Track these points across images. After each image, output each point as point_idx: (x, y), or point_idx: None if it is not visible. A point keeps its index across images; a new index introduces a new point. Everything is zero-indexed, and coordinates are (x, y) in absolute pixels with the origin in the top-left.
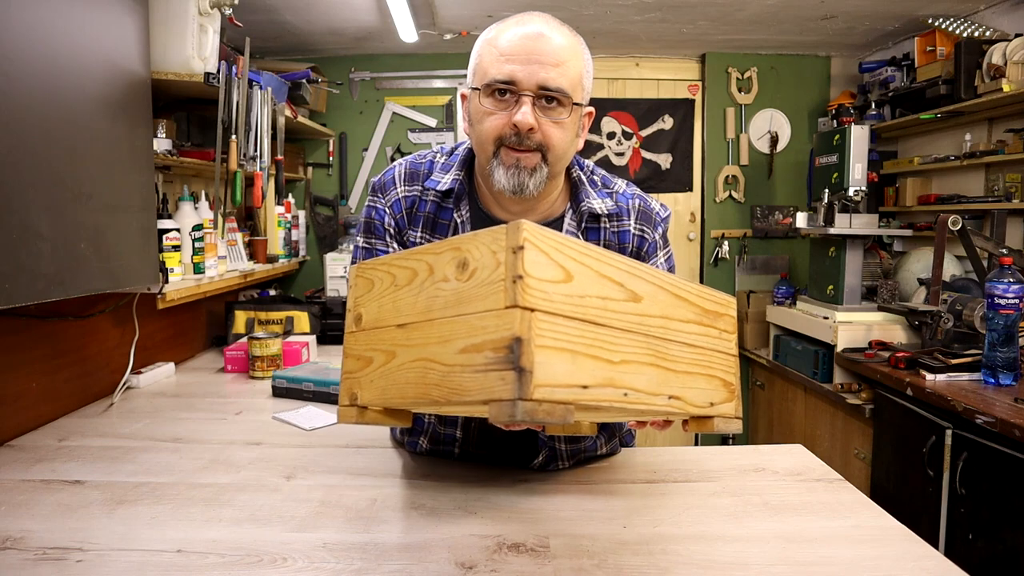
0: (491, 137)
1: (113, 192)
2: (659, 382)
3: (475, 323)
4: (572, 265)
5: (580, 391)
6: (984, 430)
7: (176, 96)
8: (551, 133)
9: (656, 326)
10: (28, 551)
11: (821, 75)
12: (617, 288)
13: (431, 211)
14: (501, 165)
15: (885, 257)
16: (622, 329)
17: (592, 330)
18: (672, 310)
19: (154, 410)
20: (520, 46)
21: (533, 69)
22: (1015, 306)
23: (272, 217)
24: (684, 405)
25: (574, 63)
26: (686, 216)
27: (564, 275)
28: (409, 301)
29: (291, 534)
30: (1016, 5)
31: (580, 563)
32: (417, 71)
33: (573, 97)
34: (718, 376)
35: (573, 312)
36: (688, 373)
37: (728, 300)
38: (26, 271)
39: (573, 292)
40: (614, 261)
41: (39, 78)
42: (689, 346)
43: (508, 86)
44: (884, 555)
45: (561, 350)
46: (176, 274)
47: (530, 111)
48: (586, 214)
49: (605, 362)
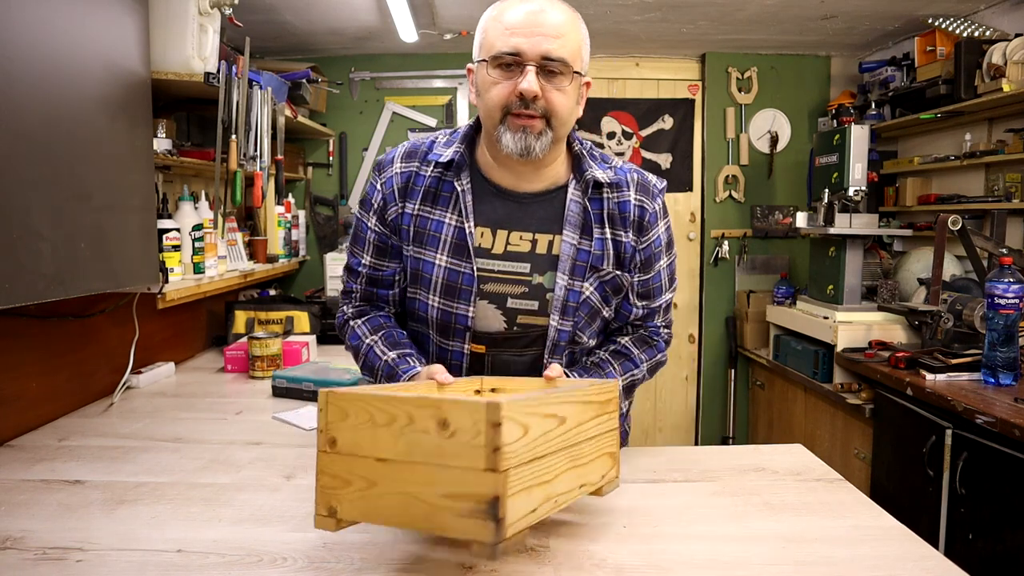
0: (499, 104)
1: (113, 192)
2: (574, 480)
3: (458, 476)
4: (529, 419)
5: (531, 516)
6: (984, 430)
7: (176, 96)
8: (554, 99)
9: (573, 435)
10: (28, 551)
11: (821, 75)
12: (553, 420)
13: (431, 185)
14: (508, 130)
15: (885, 257)
16: (554, 452)
17: (537, 464)
18: (582, 415)
19: (154, 410)
20: (524, 20)
21: (537, 40)
22: (1015, 306)
23: (272, 217)
24: (588, 488)
25: (574, 35)
26: (686, 216)
27: (523, 431)
28: (389, 441)
29: (291, 534)
30: (1016, 5)
31: (580, 563)
32: (417, 71)
33: (573, 66)
34: (608, 452)
35: (528, 456)
36: (591, 462)
37: (613, 385)
38: (26, 271)
39: (528, 440)
40: (552, 398)
41: (39, 78)
42: (592, 439)
43: (514, 57)
44: (884, 555)
45: (521, 491)
46: (176, 274)
47: (535, 79)
48: (591, 183)
49: (545, 484)
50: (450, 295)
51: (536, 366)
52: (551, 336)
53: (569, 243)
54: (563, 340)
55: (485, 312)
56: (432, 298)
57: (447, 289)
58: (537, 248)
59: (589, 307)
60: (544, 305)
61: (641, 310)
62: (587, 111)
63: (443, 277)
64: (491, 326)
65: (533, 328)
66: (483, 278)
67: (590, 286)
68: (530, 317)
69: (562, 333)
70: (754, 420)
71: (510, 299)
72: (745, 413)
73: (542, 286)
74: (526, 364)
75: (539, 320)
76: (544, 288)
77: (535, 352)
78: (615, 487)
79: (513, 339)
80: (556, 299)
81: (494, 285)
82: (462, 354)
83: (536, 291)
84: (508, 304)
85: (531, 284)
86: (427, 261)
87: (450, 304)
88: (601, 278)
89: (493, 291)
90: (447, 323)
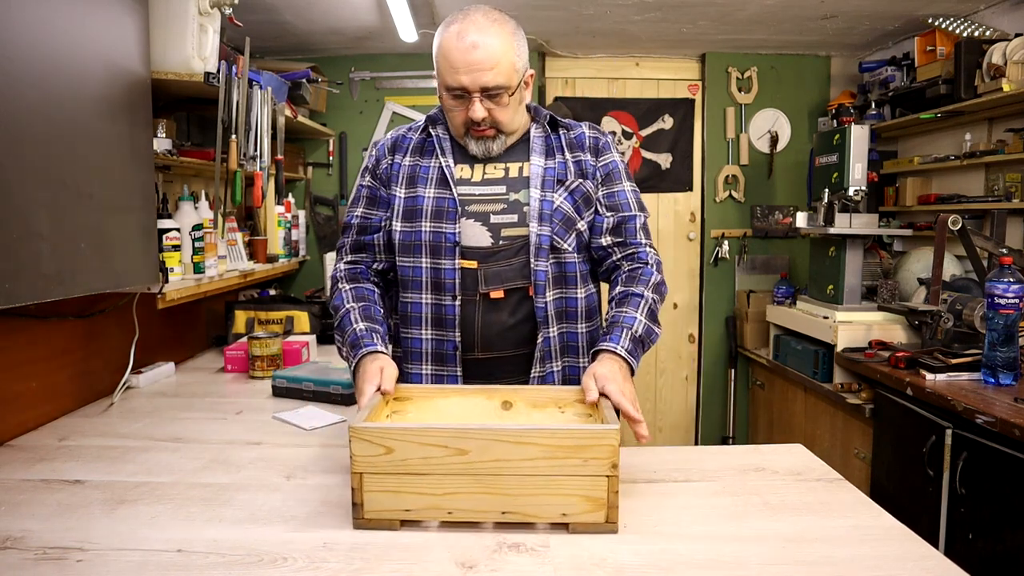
0: (460, 124)
1: (113, 192)
2: (490, 504)
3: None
4: (393, 443)
5: (404, 512)
6: (984, 430)
7: (176, 96)
8: (498, 114)
9: (487, 467)
10: (28, 551)
11: (821, 75)
12: (440, 449)
13: (417, 143)
14: (471, 139)
15: (885, 257)
16: (444, 474)
17: (416, 478)
18: (510, 454)
19: (154, 410)
20: (461, 60)
21: (475, 77)
22: (1015, 306)
23: (272, 217)
24: (524, 517)
25: (505, 57)
26: (686, 216)
27: (386, 450)
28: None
29: (291, 534)
30: (1016, 5)
31: (580, 563)
32: (417, 71)
33: (510, 85)
34: (575, 495)
35: (395, 470)
36: (530, 495)
37: (602, 433)
38: (26, 271)
39: (395, 459)
40: (436, 433)
41: (39, 78)
42: (529, 476)
43: (461, 90)
44: (884, 555)
45: (385, 491)
46: (176, 274)
47: (480, 107)
48: (548, 119)
49: (429, 495)
50: (438, 218)
51: (524, 272)
52: (533, 242)
53: (537, 165)
54: (544, 244)
55: (473, 230)
56: (425, 224)
57: (435, 214)
58: (510, 173)
59: (562, 214)
60: (523, 217)
61: (612, 219)
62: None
63: (431, 206)
64: (480, 242)
65: (516, 239)
66: (466, 201)
67: (559, 196)
68: (512, 229)
69: (542, 238)
70: (754, 420)
71: (492, 216)
72: (745, 413)
73: (519, 201)
74: (516, 271)
75: (520, 231)
76: (521, 203)
77: (522, 259)
78: (604, 530)
79: (500, 251)
80: (532, 209)
81: (477, 206)
82: (453, 271)
83: (514, 206)
84: (491, 220)
85: (508, 201)
86: (419, 196)
87: (439, 226)
88: (568, 188)
89: (477, 211)
90: (438, 244)
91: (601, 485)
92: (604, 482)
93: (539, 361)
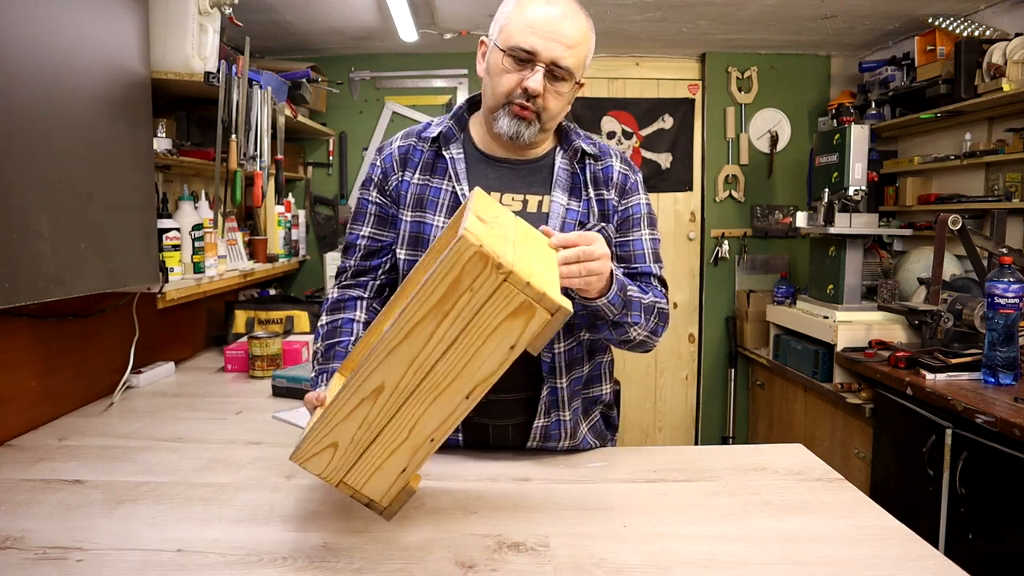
0: (504, 91)
1: (113, 192)
2: (450, 402)
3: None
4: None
5: (403, 475)
6: (984, 430)
7: (176, 96)
8: (551, 101)
9: (410, 383)
10: (28, 551)
11: (821, 75)
12: (369, 403)
13: (428, 159)
14: (506, 115)
15: (885, 257)
16: (389, 422)
17: (374, 447)
18: (410, 350)
19: (154, 410)
20: (545, 23)
21: (551, 46)
22: (1015, 306)
23: (272, 217)
24: (489, 381)
25: (584, 46)
26: (686, 215)
27: (332, 447)
28: None
29: (291, 534)
30: (1016, 5)
31: (580, 563)
32: (417, 70)
33: (576, 75)
34: (502, 320)
35: (357, 454)
36: (471, 361)
37: (457, 248)
38: (26, 271)
39: (346, 448)
40: (343, 400)
41: (39, 78)
42: (449, 351)
43: (528, 55)
44: (884, 555)
45: (375, 472)
46: (176, 274)
47: (541, 79)
48: (578, 151)
49: (403, 444)
50: None
51: None
52: None
53: (558, 203)
54: None
55: None
56: None
57: None
58: (528, 208)
59: None
60: None
61: (619, 271)
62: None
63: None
64: None
65: None
66: None
67: None
68: None
69: None
70: (754, 420)
71: None
72: (745, 413)
73: None
74: None
75: None
76: None
77: None
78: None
79: None
80: None
81: None
82: None
83: None
84: None
85: None
86: (427, 223)
87: None
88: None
89: None
90: None
91: (512, 293)
92: (512, 290)
93: (543, 414)
